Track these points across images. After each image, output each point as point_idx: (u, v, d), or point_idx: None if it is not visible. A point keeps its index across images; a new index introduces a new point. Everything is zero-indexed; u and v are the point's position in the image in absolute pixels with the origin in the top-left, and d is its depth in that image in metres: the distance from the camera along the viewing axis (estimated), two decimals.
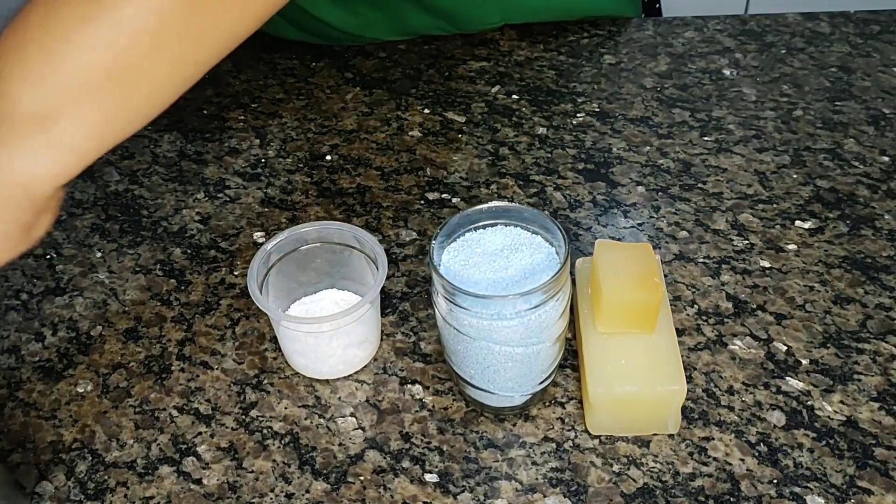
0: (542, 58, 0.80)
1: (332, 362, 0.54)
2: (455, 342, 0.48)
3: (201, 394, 0.55)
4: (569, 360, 0.55)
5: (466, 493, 0.49)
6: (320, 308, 0.57)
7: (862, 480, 0.48)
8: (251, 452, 0.52)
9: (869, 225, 0.63)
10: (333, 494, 0.49)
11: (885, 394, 0.52)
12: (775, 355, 0.55)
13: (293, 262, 0.56)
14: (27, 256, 0.64)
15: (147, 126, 0.44)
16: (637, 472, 0.49)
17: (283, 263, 0.55)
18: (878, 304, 0.57)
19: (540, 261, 0.47)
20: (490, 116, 0.74)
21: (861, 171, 0.67)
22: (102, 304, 0.61)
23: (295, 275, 0.57)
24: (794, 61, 0.77)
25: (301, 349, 0.54)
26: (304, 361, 0.54)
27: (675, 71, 0.77)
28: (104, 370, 0.57)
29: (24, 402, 0.55)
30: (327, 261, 0.57)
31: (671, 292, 0.59)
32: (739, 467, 0.49)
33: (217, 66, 0.44)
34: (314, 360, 0.54)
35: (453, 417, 0.53)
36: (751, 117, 0.72)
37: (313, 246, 0.56)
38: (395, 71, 0.79)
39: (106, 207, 0.68)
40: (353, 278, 0.57)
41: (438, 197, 0.67)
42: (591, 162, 0.69)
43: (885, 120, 0.71)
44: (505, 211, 0.49)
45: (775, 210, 0.64)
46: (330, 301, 0.58)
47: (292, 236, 0.55)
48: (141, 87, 0.42)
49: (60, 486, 0.51)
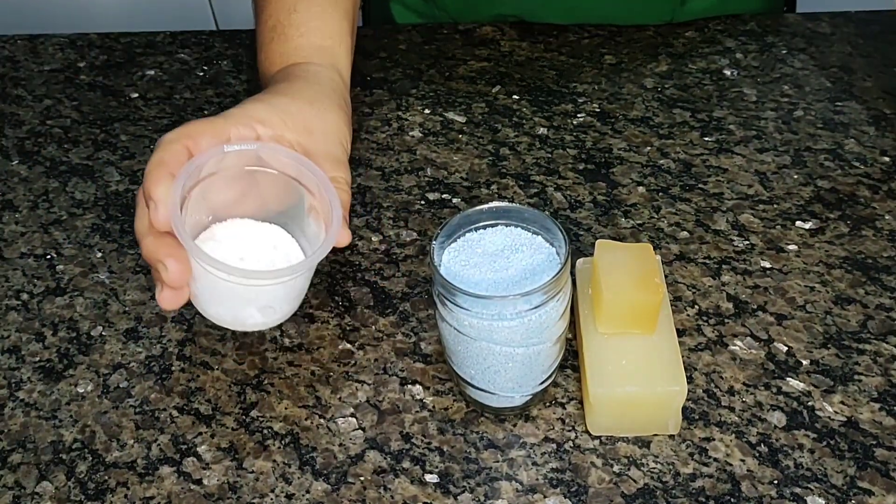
0: (542, 58, 0.80)
1: (222, 310, 0.51)
2: (455, 342, 0.48)
3: (201, 394, 0.55)
4: (569, 361, 0.55)
5: (467, 493, 0.49)
6: (230, 241, 0.52)
7: (863, 481, 0.48)
8: (251, 453, 0.52)
9: (870, 225, 0.62)
10: (334, 495, 0.49)
11: (885, 394, 0.52)
12: (776, 356, 0.55)
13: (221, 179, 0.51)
14: (27, 256, 0.65)
15: (147, 126, 0.44)
16: (637, 472, 0.49)
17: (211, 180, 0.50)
18: (878, 305, 0.57)
19: (540, 261, 0.47)
20: (490, 117, 0.74)
21: (862, 171, 0.67)
22: (103, 305, 0.61)
23: (217, 192, 0.51)
24: (794, 62, 0.77)
25: (200, 285, 0.50)
26: (198, 295, 0.51)
27: (676, 71, 0.77)
28: (104, 370, 0.57)
29: (25, 402, 0.55)
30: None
31: (672, 293, 0.59)
32: (740, 468, 0.49)
33: (217, 66, 0.44)
34: (206, 300, 0.51)
35: (454, 418, 0.53)
36: (751, 117, 0.72)
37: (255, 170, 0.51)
38: (395, 71, 0.79)
39: (106, 207, 0.68)
40: (272, 205, 0.53)
41: (439, 197, 0.67)
42: (592, 162, 0.69)
43: (885, 120, 0.71)
44: (505, 211, 0.49)
45: (776, 210, 0.64)
46: (243, 233, 0.52)
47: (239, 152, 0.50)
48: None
49: (61, 487, 0.51)
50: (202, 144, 0.50)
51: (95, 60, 0.83)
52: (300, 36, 0.62)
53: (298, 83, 0.58)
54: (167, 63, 0.82)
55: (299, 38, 0.62)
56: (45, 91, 0.80)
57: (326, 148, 0.55)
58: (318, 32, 0.62)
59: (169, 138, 0.50)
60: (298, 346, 0.57)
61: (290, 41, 0.62)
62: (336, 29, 0.63)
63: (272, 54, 0.62)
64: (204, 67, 0.80)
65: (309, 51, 0.62)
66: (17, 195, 0.70)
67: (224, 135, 0.51)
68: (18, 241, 0.66)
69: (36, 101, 0.79)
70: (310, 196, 0.52)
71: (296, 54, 0.61)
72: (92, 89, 0.80)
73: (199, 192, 0.50)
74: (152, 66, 0.82)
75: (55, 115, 0.77)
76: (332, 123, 0.57)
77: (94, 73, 0.82)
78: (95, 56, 0.84)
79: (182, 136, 0.50)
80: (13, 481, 0.51)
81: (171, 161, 0.49)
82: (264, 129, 0.53)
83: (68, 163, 0.72)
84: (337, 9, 0.64)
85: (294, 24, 0.62)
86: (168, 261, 0.48)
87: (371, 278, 0.61)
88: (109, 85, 0.80)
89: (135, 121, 0.76)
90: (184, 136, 0.50)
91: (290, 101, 0.55)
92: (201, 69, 0.80)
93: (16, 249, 0.65)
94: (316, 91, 0.58)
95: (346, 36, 0.64)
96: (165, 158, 0.49)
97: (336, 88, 0.60)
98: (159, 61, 0.82)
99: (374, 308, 0.59)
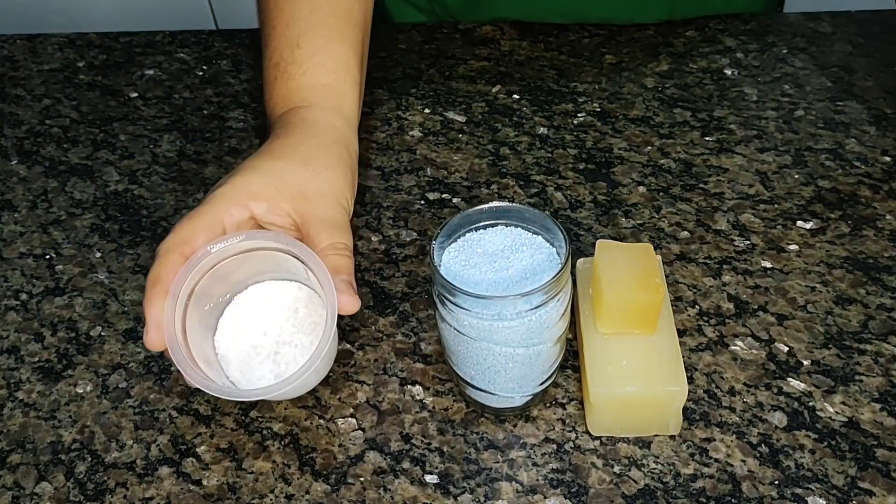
0: (542, 57, 0.80)
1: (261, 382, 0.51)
2: (455, 343, 0.48)
3: (201, 394, 0.55)
4: (569, 361, 0.55)
5: (467, 494, 0.49)
6: (256, 306, 0.53)
7: (863, 482, 0.48)
8: (251, 453, 0.51)
9: (870, 225, 0.62)
10: (333, 495, 0.49)
11: (886, 395, 0.52)
12: (777, 356, 0.55)
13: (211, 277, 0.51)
14: (26, 256, 0.64)
15: (146, 126, 0.44)
16: (638, 473, 0.49)
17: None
18: (879, 305, 0.57)
19: (541, 261, 0.47)
20: (491, 116, 0.74)
21: (863, 171, 0.67)
22: (102, 305, 0.61)
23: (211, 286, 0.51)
24: (795, 61, 0.77)
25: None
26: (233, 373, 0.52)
27: (677, 71, 0.77)
28: (104, 371, 0.56)
29: (24, 402, 0.55)
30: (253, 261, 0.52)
31: (672, 293, 0.58)
32: (741, 468, 0.49)
33: (216, 66, 0.44)
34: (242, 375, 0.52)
35: (454, 418, 0.52)
36: (752, 117, 0.72)
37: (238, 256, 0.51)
38: (395, 71, 0.79)
39: (105, 207, 0.68)
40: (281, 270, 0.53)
41: (439, 197, 0.67)
42: (592, 162, 0.69)
43: (886, 120, 0.71)
44: (505, 211, 0.49)
45: (777, 210, 0.64)
46: (262, 302, 0.53)
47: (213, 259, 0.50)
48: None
49: (60, 487, 0.50)
50: (197, 245, 0.50)
51: (94, 60, 0.83)
52: (302, 75, 0.60)
53: (294, 138, 0.56)
54: (166, 63, 0.82)
55: (301, 76, 0.59)
56: (44, 91, 0.80)
57: (323, 213, 0.53)
58: (321, 69, 0.60)
59: (165, 248, 0.50)
60: None
61: (292, 80, 0.60)
62: (341, 62, 0.61)
63: (275, 96, 0.60)
64: (203, 67, 0.80)
65: (310, 91, 0.59)
66: (16, 195, 0.70)
67: (217, 227, 0.50)
68: (17, 241, 0.66)
69: (35, 101, 0.79)
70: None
71: (298, 95, 0.59)
72: (91, 89, 0.80)
73: (209, 280, 0.51)
74: (151, 66, 0.81)
75: (54, 114, 0.77)
76: (328, 184, 0.54)
77: (94, 72, 0.82)
78: (94, 56, 0.84)
79: (178, 244, 0.49)
80: (12, 482, 0.51)
81: (167, 275, 0.48)
82: (257, 205, 0.52)
83: (67, 162, 0.72)
84: (343, 41, 0.61)
85: (297, 62, 0.60)
86: (149, 328, 0.48)
87: (371, 278, 0.61)
88: (108, 84, 0.80)
89: (134, 120, 0.75)
90: (179, 244, 0.49)
91: (284, 165, 0.53)
92: (200, 69, 0.80)
93: (15, 249, 0.65)
94: (312, 147, 0.55)
95: (352, 69, 0.61)
96: (162, 273, 0.48)
97: (337, 137, 0.57)
98: (158, 61, 0.82)
99: (373, 308, 0.59)
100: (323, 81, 0.60)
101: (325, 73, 0.60)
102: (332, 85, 0.60)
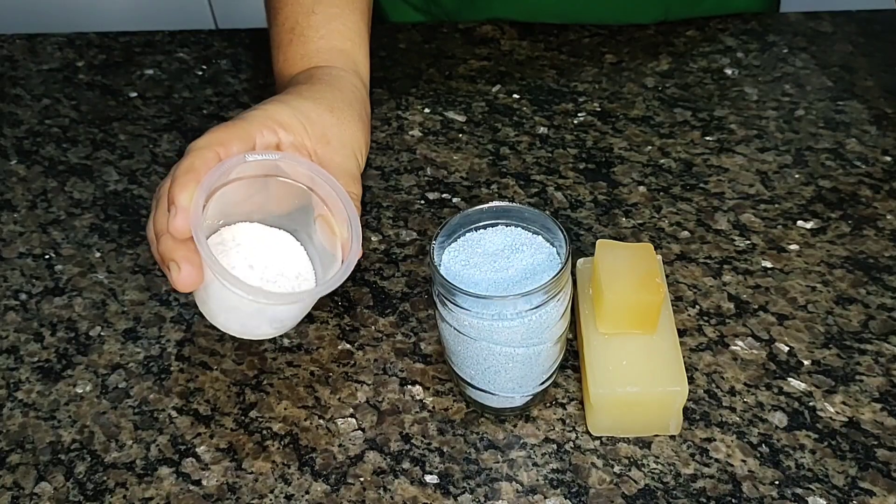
0: (542, 57, 0.80)
1: (231, 320, 0.51)
2: (455, 343, 0.48)
3: (200, 394, 0.54)
4: (570, 361, 0.55)
5: (467, 494, 0.49)
6: (239, 248, 0.51)
7: (864, 482, 0.48)
8: (251, 453, 0.51)
9: (871, 225, 0.62)
10: (333, 496, 0.49)
11: (887, 395, 0.52)
12: (777, 356, 0.54)
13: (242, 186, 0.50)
14: (26, 256, 0.64)
15: (146, 126, 0.44)
16: (638, 473, 0.49)
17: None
18: (880, 305, 0.57)
19: (541, 261, 0.47)
20: (491, 116, 0.74)
21: (863, 170, 0.67)
22: (101, 305, 0.61)
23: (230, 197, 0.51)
24: (795, 61, 0.77)
25: (210, 292, 0.50)
26: (206, 301, 0.51)
27: (677, 70, 0.77)
28: (103, 371, 0.56)
29: (23, 402, 0.55)
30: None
31: (672, 293, 0.58)
32: (741, 468, 0.49)
33: (216, 65, 0.44)
34: (215, 307, 0.51)
35: (454, 418, 0.52)
36: (752, 117, 0.72)
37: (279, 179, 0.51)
38: (395, 70, 0.79)
39: (105, 207, 0.68)
40: (276, 209, 0.53)
41: (439, 197, 0.67)
42: (593, 161, 0.69)
43: (887, 120, 0.71)
44: (505, 211, 0.49)
45: (777, 210, 0.64)
46: (252, 238, 0.52)
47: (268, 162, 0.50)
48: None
49: (59, 487, 0.50)
50: (232, 151, 0.50)
51: (94, 60, 0.83)
52: (320, 38, 0.61)
53: (321, 86, 0.57)
54: (166, 62, 0.82)
55: (319, 40, 0.61)
56: (43, 90, 0.80)
57: (341, 160, 0.55)
58: (338, 35, 0.62)
59: (200, 144, 0.49)
60: (298, 347, 0.57)
61: (310, 43, 0.61)
62: (355, 31, 0.63)
63: (292, 56, 0.62)
64: (203, 66, 0.80)
65: (330, 54, 0.61)
66: (15, 195, 0.70)
67: (250, 140, 0.51)
68: (17, 241, 0.66)
69: (34, 101, 0.79)
70: (320, 205, 0.52)
71: (317, 57, 0.61)
72: (90, 88, 0.80)
73: (217, 197, 0.50)
74: (151, 66, 0.81)
75: (54, 114, 0.77)
76: (349, 135, 0.56)
77: (93, 72, 0.82)
78: (94, 55, 0.83)
79: (213, 143, 0.49)
80: (12, 482, 0.51)
81: (201, 168, 0.48)
82: (286, 135, 0.52)
83: (67, 162, 0.72)
84: (354, 10, 0.64)
85: (313, 27, 0.61)
86: (183, 264, 0.47)
87: (371, 278, 0.61)
88: (108, 84, 0.80)
89: (133, 120, 0.75)
90: (215, 143, 0.49)
91: (311, 105, 0.54)
92: (200, 68, 0.80)
93: (14, 249, 0.65)
94: (338, 98, 0.57)
95: (364, 38, 0.64)
96: (196, 165, 0.48)
97: (358, 97, 0.59)
98: (158, 60, 0.82)
99: (373, 308, 0.59)
100: (340, 46, 0.61)
101: (341, 39, 0.62)
102: (349, 51, 0.62)
